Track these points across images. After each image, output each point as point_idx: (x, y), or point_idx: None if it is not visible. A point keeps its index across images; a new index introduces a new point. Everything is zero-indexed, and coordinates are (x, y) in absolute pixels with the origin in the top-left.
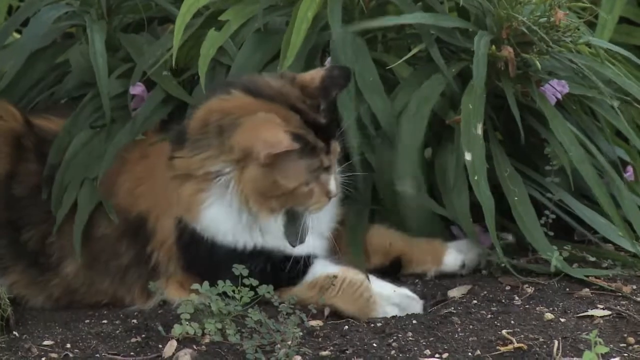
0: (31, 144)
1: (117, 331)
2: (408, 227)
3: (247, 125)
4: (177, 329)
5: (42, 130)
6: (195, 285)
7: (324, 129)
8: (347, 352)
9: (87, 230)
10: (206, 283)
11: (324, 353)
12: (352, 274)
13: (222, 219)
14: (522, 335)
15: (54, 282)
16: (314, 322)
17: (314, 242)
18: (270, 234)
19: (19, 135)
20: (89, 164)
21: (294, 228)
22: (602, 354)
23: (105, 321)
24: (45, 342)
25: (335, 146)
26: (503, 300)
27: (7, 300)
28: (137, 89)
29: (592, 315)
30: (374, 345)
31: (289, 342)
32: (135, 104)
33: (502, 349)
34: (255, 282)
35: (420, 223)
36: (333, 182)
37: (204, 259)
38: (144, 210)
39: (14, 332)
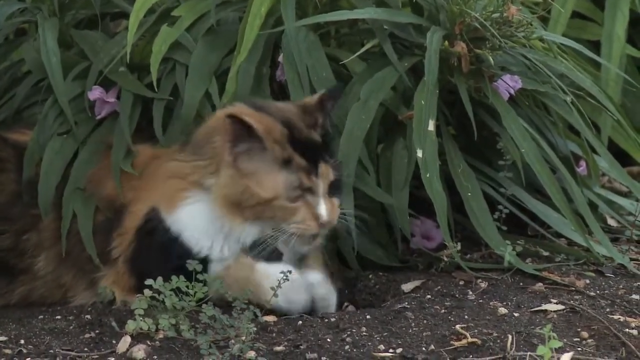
0: (8, 155)
1: (71, 327)
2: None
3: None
4: (130, 325)
5: (18, 142)
6: (149, 281)
7: (314, 150)
8: (301, 347)
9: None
10: (160, 279)
11: (278, 348)
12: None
13: (195, 220)
14: (476, 330)
15: (19, 289)
16: (268, 318)
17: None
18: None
19: None
20: (74, 172)
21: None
22: (555, 348)
23: (59, 317)
24: None
25: (325, 170)
26: (457, 295)
27: None
28: (95, 92)
29: (546, 310)
30: (328, 340)
31: (243, 338)
32: (98, 109)
33: (456, 343)
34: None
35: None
36: (323, 207)
37: (156, 251)
38: (127, 199)
39: None
